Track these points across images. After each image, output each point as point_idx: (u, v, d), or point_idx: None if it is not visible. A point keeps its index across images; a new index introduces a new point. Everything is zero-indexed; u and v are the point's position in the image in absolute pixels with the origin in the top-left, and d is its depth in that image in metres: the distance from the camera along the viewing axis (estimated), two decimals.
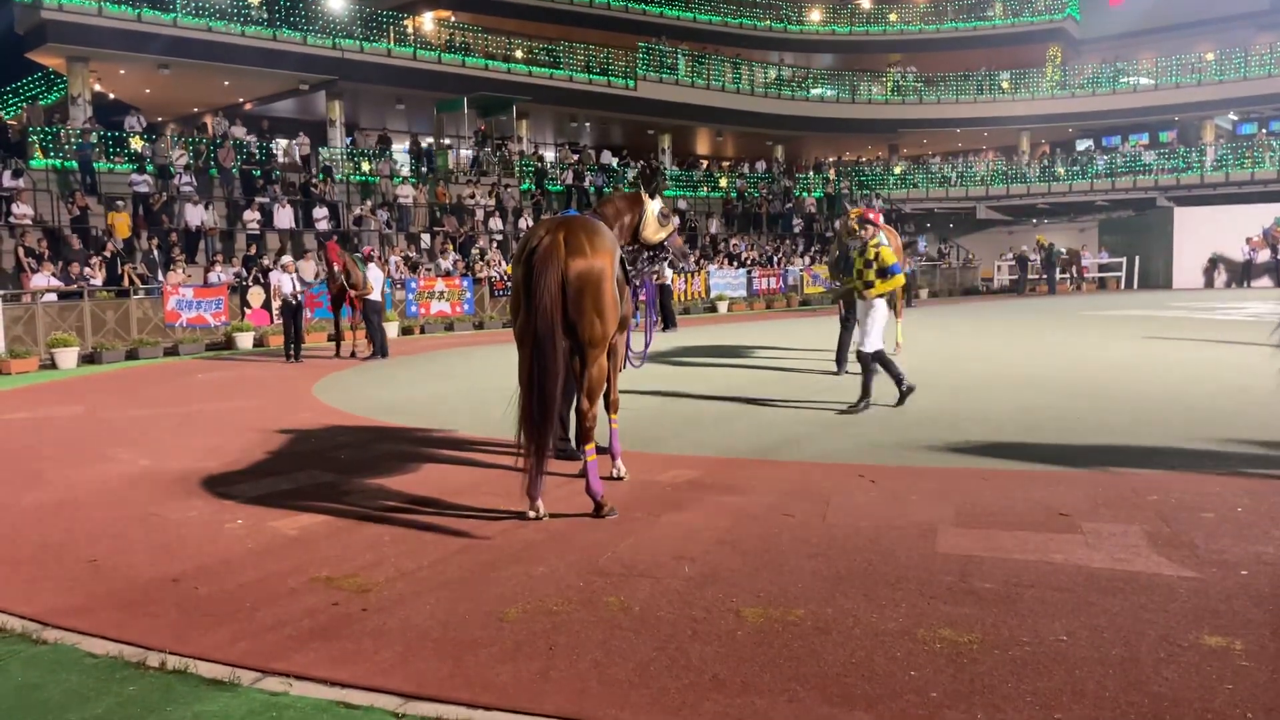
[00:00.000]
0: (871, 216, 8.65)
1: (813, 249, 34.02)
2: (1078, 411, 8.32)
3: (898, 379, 8.78)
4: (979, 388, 10.00)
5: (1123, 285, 34.83)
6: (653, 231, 6.54)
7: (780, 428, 8.02)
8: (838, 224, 11.95)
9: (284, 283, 15.64)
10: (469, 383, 11.65)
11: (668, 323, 18.73)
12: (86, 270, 18.18)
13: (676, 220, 6.73)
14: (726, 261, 30.66)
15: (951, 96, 40.48)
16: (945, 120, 40.37)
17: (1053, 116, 39.63)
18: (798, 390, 10.25)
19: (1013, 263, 35.90)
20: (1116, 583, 4.14)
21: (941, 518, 5.18)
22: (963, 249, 39.50)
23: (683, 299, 26.92)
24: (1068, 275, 35.18)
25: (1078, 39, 41.85)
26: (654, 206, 6.58)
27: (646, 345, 6.99)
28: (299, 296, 15.63)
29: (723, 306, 27.85)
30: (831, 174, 41.09)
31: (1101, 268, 36.24)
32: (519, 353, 5.25)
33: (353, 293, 15.49)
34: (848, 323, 11.21)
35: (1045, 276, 33.92)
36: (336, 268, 15.60)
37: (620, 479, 6.22)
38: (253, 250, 21.83)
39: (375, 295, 15.60)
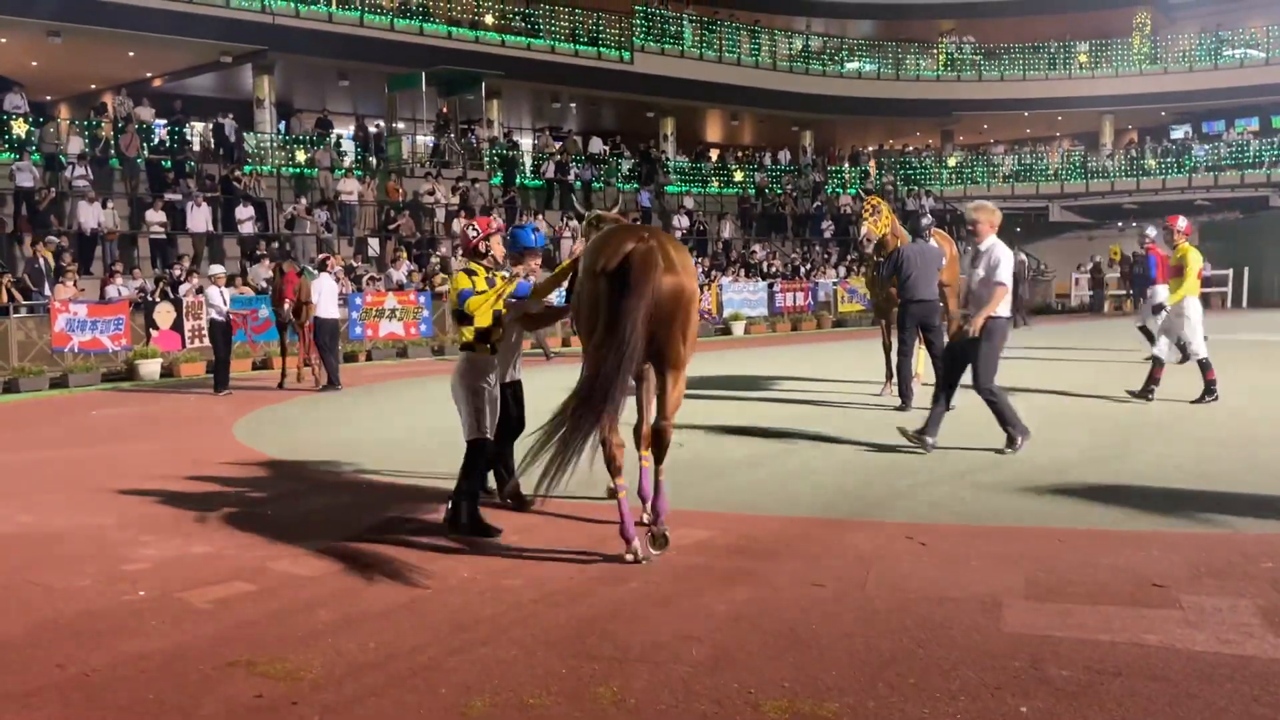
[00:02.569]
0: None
1: (849, 258, 34.13)
2: (1174, 457, 8.32)
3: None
4: (1050, 427, 10.00)
5: (1229, 303, 34.92)
6: None
7: (809, 477, 8.01)
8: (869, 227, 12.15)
9: (215, 297, 15.74)
10: (426, 420, 11.64)
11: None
12: None
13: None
14: (743, 273, 30.77)
15: (1017, 73, 40.77)
16: (1010, 101, 40.64)
17: (1141, 97, 39.91)
18: (832, 430, 10.24)
19: (1091, 274, 36.00)
20: (1224, 670, 4.12)
21: (1008, 588, 5.17)
22: (1033, 258, 39.64)
23: None
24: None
25: (1171, 3, 42.24)
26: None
27: None
28: (229, 314, 15.78)
29: (739, 328, 27.92)
30: (872, 166, 41.31)
31: (1203, 281, 36.28)
32: (593, 374, 5.60)
33: (305, 309, 15.84)
34: (908, 346, 11.36)
35: (1130, 292, 34.01)
36: (286, 304, 16.05)
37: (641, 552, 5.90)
38: (209, 261, 21.75)
39: (329, 312, 15.72)
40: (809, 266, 33.19)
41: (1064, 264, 39.18)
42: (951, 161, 41.99)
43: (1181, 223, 11.93)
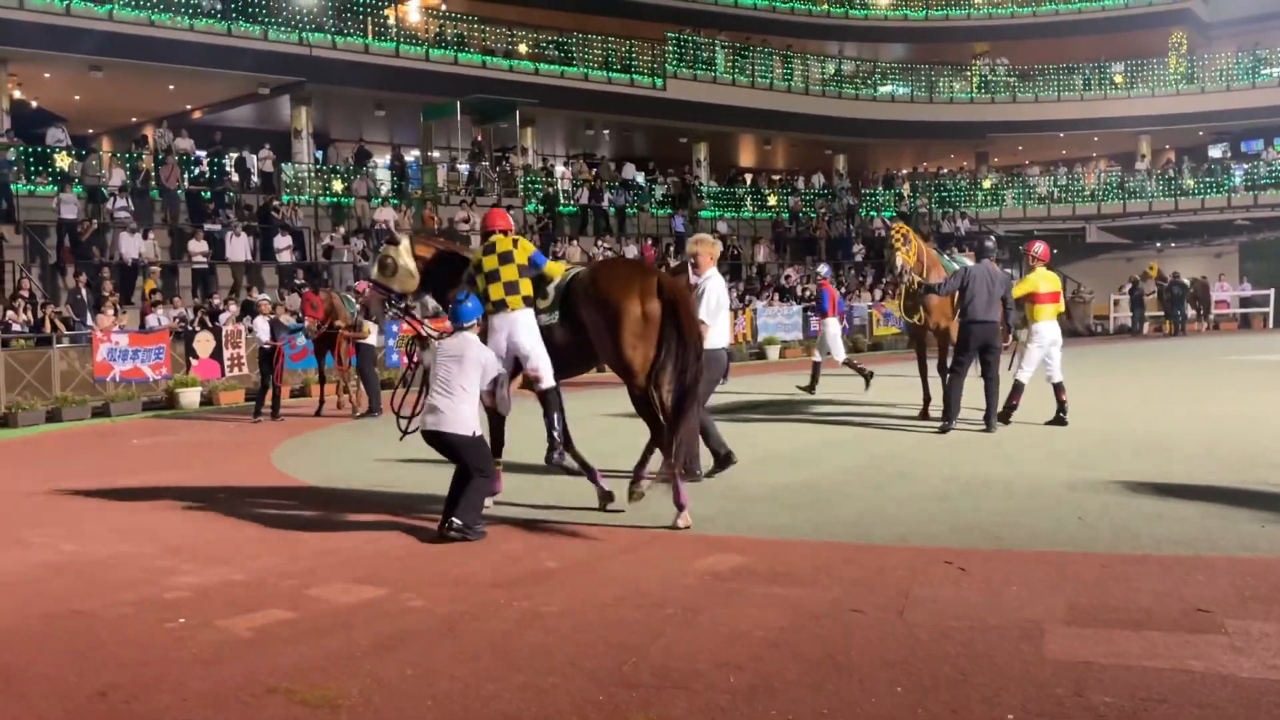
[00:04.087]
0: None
1: (884, 280, 34.01)
2: (1220, 481, 8.22)
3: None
4: (1093, 450, 9.93)
5: (1270, 323, 34.51)
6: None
7: (847, 502, 7.98)
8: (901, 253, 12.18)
9: (260, 327, 16.11)
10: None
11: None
12: (9, 314, 18.50)
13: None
14: (776, 297, 30.73)
15: (1052, 94, 40.63)
16: (1045, 122, 40.49)
17: (1178, 117, 39.66)
18: (868, 455, 10.20)
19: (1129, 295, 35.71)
20: (1271, 696, 4.07)
21: (1050, 615, 5.12)
22: (1070, 280, 39.34)
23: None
24: (1198, 310, 34.93)
25: (1207, 22, 42.00)
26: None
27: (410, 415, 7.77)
28: (274, 343, 16.04)
29: (773, 352, 27.87)
30: (906, 190, 41.21)
31: (1243, 301, 35.96)
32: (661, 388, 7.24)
33: (347, 336, 16.04)
34: (964, 367, 11.35)
35: (1168, 314, 33.66)
36: (309, 322, 16.42)
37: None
38: (249, 291, 22.08)
39: (372, 339, 16.04)
40: (843, 290, 33.08)
41: (1102, 286, 38.84)
42: (986, 183, 41.82)
43: (1038, 248, 12.31)
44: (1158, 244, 40.83)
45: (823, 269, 19.42)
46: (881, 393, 15.61)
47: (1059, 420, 11.65)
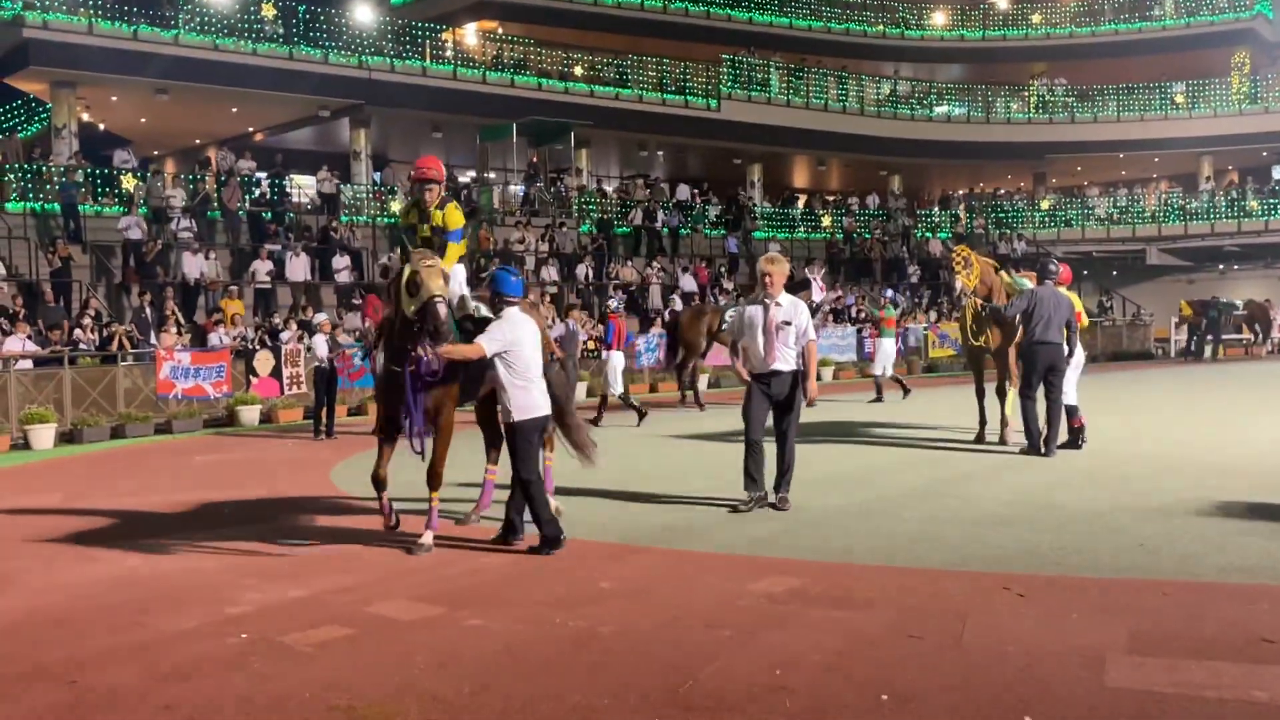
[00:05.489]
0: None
1: (939, 302, 33.79)
2: None
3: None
4: (1152, 476, 9.80)
5: None
6: (406, 301, 7.38)
7: (904, 526, 7.93)
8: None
9: (319, 345, 16.29)
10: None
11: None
12: (77, 332, 18.88)
13: (427, 295, 7.21)
14: (831, 318, 30.61)
15: (1111, 114, 40.21)
16: (1104, 143, 40.09)
17: (1241, 137, 39.11)
18: (925, 478, 10.13)
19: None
20: None
21: (1111, 642, 5.07)
22: (1130, 302, 38.83)
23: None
24: (1255, 334, 34.26)
25: (1271, 41, 41.39)
26: (406, 271, 7.40)
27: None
28: (333, 361, 16.21)
29: (827, 373, 27.71)
30: (962, 211, 40.94)
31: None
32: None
33: None
34: (1033, 389, 11.22)
35: (1210, 337, 32.99)
36: (369, 324, 16.23)
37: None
38: (306, 310, 22.44)
39: None
40: (900, 312, 32.87)
41: (1163, 309, 38.26)
42: (1044, 204, 41.45)
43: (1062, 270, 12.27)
44: (1220, 266, 40.20)
45: (612, 302, 19.43)
46: (938, 414, 15.50)
47: (1075, 444, 11.59)
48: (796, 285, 13.81)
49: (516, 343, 7.32)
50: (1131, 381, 23.04)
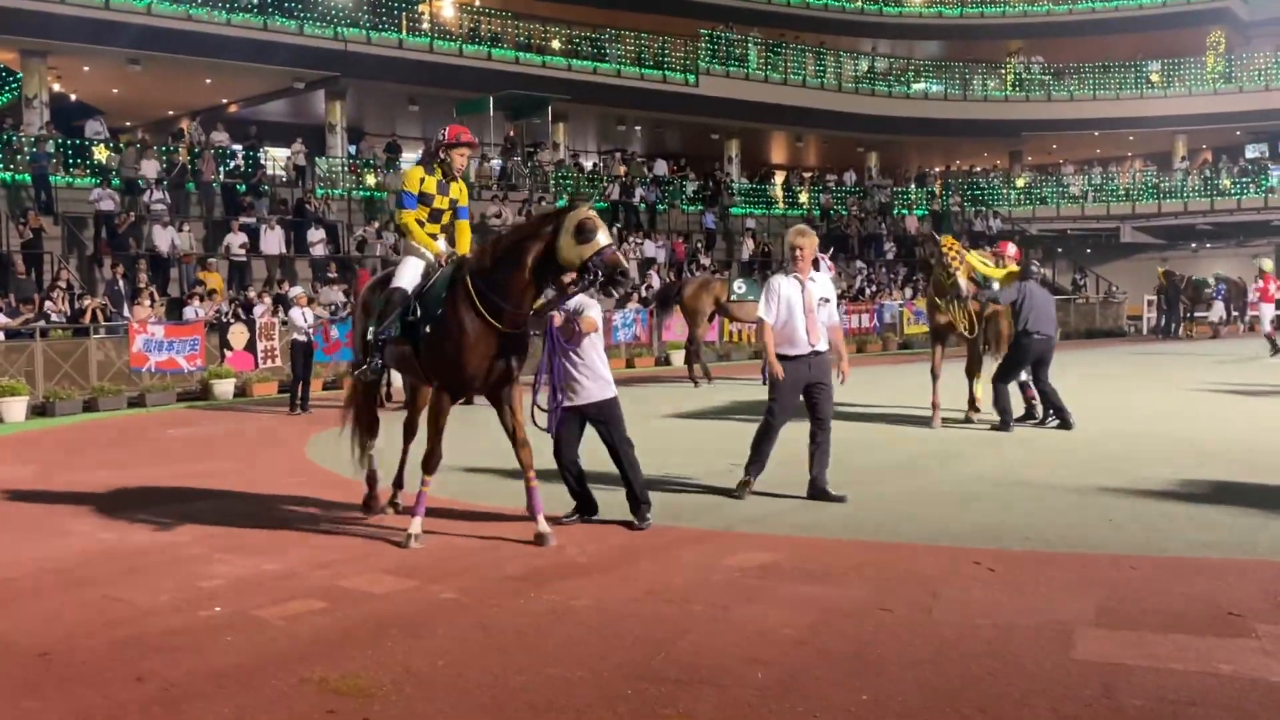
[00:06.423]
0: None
1: (915, 279, 33.90)
2: (1251, 484, 8.17)
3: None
4: (1123, 453, 9.88)
5: None
6: (570, 251, 6.67)
7: (878, 502, 7.98)
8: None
9: (296, 318, 16.20)
10: (498, 440, 11.72)
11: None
12: (48, 304, 18.71)
13: (604, 238, 6.73)
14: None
15: (1087, 92, 40.31)
16: (1079, 121, 40.18)
17: (1215, 116, 39.29)
18: (897, 454, 10.19)
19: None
20: None
21: (1079, 616, 5.12)
22: (1104, 280, 39.06)
23: (750, 340, 26.88)
24: (1236, 313, 34.49)
25: (1246, 21, 41.57)
26: (572, 219, 6.70)
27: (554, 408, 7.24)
28: (310, 334, 16.14)
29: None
30: (938, 187, 41.00)
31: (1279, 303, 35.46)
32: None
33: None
34: (1009, 378, 11.47)
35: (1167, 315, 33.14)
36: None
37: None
38: (281, 284, 22.30)
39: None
40: (874, 288, 32.97)
41: (1136, 286, 38.52)
42: (1020, 182, 41.56)
43: (1010, 249, 12.84)
44: (1193, 244, 40.43)
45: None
46: (912, 392, 15.53)
47: (1031, 416, 11.90)
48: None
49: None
50: (1104, 359, 23.19)
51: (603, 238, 6.69)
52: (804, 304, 7.95)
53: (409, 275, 7.51)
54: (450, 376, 7.01)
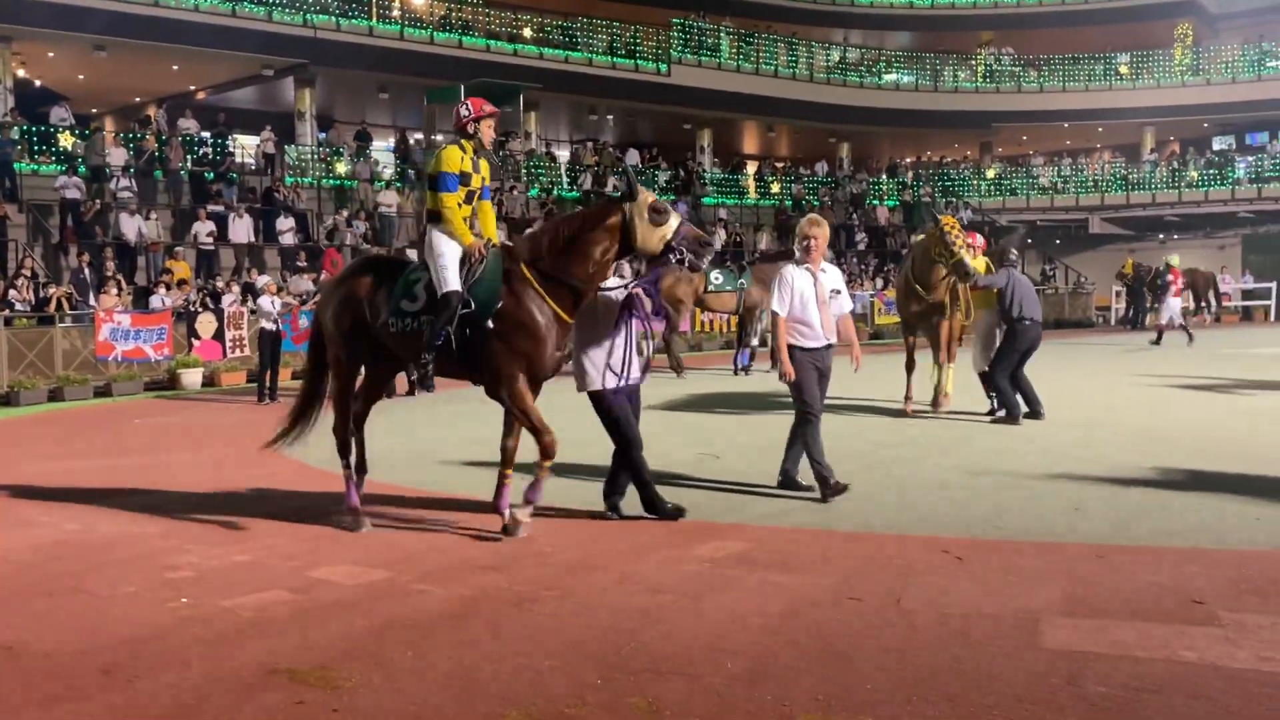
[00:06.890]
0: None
1: (886, 269, 34.03)
2: (1217, 474, 8.26)
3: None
4: (1091, 443, 9.96)
5: (1272, 316, 34.48)
6: (649, 236, 6.63)
7: (849, 493, 7.98)
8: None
9: (265, 306, 16.07)
10: (469, 430, 11.72)
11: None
12: (12, 293, 18.51)
13: (676, 216, 6.71)
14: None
15: (1057, 84, 40.52)
16: (1049, 113, 40.41)
17: (1183, 109, 39.58)
18: (867, 444, 10.24)
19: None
20: (1264, 688, 4.10)
21: (1045, 605, 5.16)
22: (1073, 270, 39.33)
23: (722, 330, 26.94)
24: (1204, 304, 34.78)
25: (1214, 14, 41.87)
26: (641, 205, 6.65)
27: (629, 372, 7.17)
28: (279, 323, 16.05)
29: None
30: (910, 178, 41.16)
31: (1245, 294, 35.88)
32: None
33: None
34: (1002, 366, 11.44)
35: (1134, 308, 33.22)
36: (325, 275, 16.14)
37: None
38: (250, 272, 22.12)
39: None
40: (846, 278, 33.06)
41: (1104, 277, 38.81)
42: (990, 173, 41.75)
43: (978, 238, 12.96)
44: (1160, 236, 40.75)
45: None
46: (884, 382, 15.60)
47: (994, 412, 11.75)
48: (784, 255, 13.50)
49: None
50: (1071, 349, 23.37)
51: (674, 215, 6.69)
52: (817, 296, 7.83)
53: (453, 273, 6.91)
54: (527, 370, 6.81)
